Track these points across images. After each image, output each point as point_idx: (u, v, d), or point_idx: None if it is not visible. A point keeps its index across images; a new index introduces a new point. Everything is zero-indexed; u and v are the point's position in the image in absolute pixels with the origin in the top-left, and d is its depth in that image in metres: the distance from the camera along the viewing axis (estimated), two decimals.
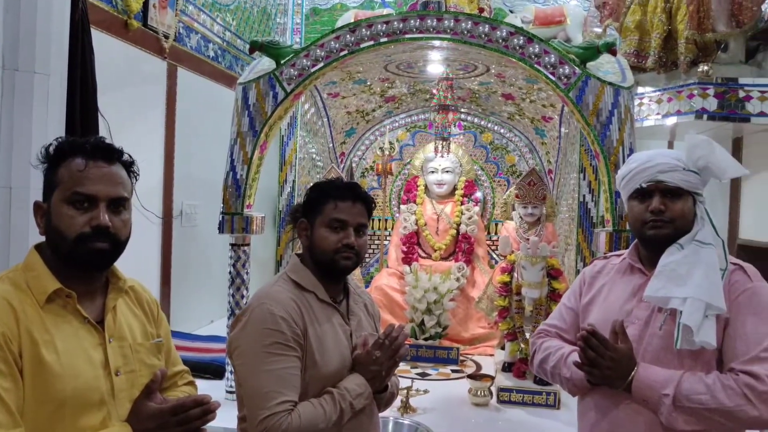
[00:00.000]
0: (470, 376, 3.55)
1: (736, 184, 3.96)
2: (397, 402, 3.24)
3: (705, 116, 3.37)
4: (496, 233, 5.29)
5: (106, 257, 1.42)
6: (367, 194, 1.97)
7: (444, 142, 4.22)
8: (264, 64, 3.50)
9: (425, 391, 3.41)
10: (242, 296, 3.38)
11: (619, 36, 3.98)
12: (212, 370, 3.62)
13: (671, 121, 3.49)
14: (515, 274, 3.61)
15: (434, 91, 4.27)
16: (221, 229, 3.31)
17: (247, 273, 3.41)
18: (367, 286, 5.07)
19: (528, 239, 3.82)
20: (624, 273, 1.84)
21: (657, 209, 1.69)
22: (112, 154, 1.44)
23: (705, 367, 1.60)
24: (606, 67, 3.27)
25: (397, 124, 5.49)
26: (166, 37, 4.26)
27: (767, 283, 1.66)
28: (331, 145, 5.23)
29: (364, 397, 1.80)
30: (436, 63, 4.24)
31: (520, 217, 4.34)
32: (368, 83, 4.71)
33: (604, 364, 1.63)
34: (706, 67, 3.35)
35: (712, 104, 3.37)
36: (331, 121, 5.11)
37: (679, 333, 1.59)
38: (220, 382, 3.52)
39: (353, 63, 4.07)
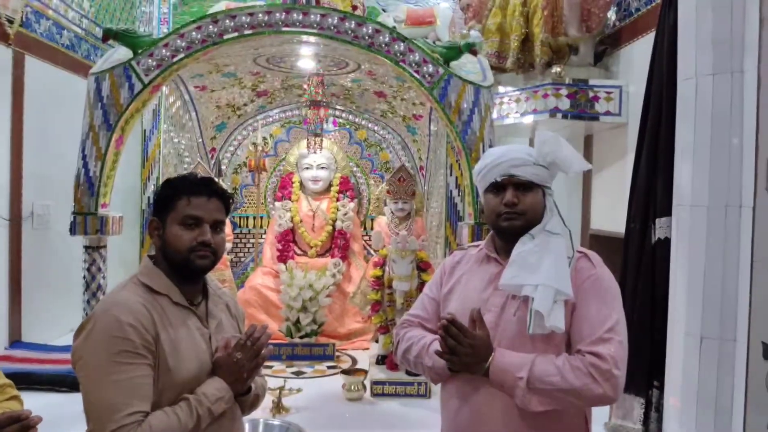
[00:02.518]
0: (343, 372, 3.56)
1: (587, 178, 4.28)
2: (269, 403, 3.18)
3: (559, 115, 3.60)
4: (371, 228, 5.35)
5: None
6: (223, 189, 1.88)
7: (317, 138, 4.19)
8: (120, 53, 3.29)
9: (298, 390, 3.37)
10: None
11: (482, 37, 4.15)
12: (69, 383, 3.35)
13: (529, 119, 3.69)
14: (387, 268, 3.67)
15: (305, 86, 4.23)
16: (73, 231, 3.07)
17: (104, 277, 3.19)
18: (241, 287, 4.94)
19: (398, 233, 3.89)
20: (481, 263, 1.91)
21: (510, 202, 1.77)
22: None
23: (556, 349, 1.70)
24: (468, 66, 3.39)
25: (270, 119, 5.39)
26: (11, 21, 3.88)
27: (608, 270, 1.79)
28: (200, 140, 5.02)
29: (224, 401, 1.73)
30: (307, 58, 4.19)
31: (391, 212, 4.42)
32: (238, 76, 4.57)
33: (464, 351, 1.68)
34: (558, 69, 3.57)
35: (564, 104, 3.60)
36: (200, 116, 4.91)
37: (531, 318, 1.68)
38: (77, 394, 3.26)
39: (220, 55, 3.93)
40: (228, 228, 4.34)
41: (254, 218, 5.25)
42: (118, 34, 3.17)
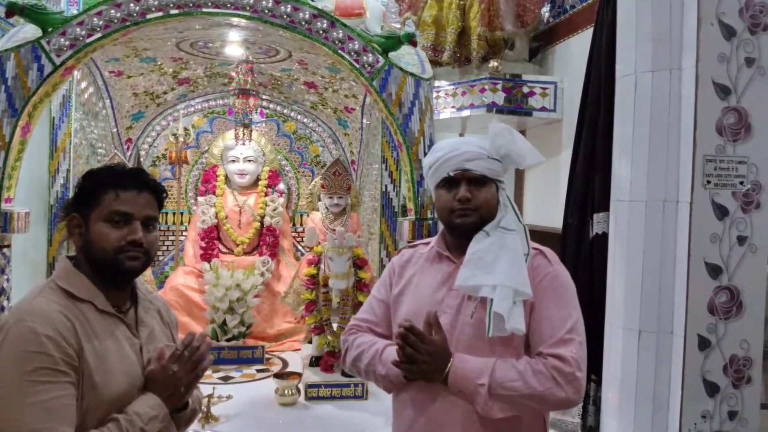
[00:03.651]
0: (276, 375, 3.39)
1: (520, 174, 4.30)
2: None
3: (495, 110, 3.57)
4: (301, 225, 5.17)
5: None
6: (156, 182, 1.68)
7: (245, 129, 3.97)
8: (27, 31, 2.95)
9: (228, 397, 3.17)
10: (2, 308, 2.83)
11: (417, 30, 4.07)
12: None
13: (466, 113, 3.65)
14: (322, 266, 3.52)
15: (234, 74, 3.99)
16: None
17: (8, 280, 2.86)
18: (160, 287, 4.63)
19: (334, 230, 3.75)
20: (433, 261, 1.81)
21: (464, 198, 1.67)
22: None
23: (515, 352, 1.62)
24: (407, 58, 3.30)
25: (192, 109, 5.08)
26: None
27: (564, 266, 1.73)
28: (115, 129, 4.66)
29: (158, 420, 1.54)
30: (235, 44, 3.96)
31: (326, 207, 4.26)
32: (158, 62, 4.27)
33: (422, 359, 1.57)
34: (495, 63, 3.55)
35: (500, 98, 3.58)
36: (115, 103, 4.55)
37: (490, 321, 1.59)
38: None
39: (140, 37, 3.63)
40: None
41: (174, 214, 4.93)
42: (24, 9, 2.83)
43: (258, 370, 3.93)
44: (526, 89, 3.61)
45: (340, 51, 2.95)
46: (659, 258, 2.65)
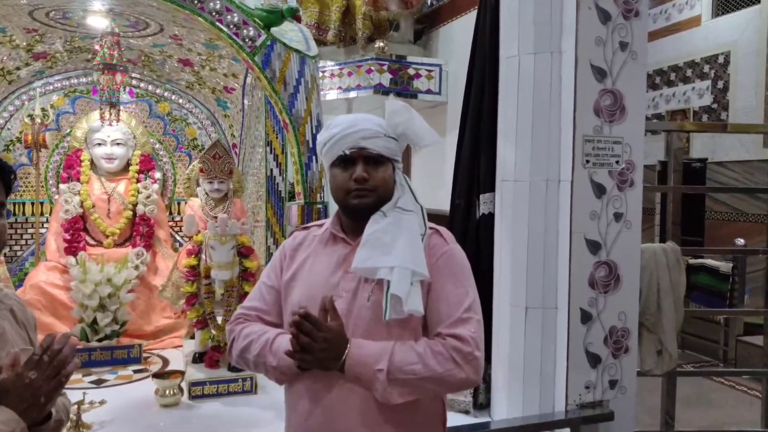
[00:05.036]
0: (155, 375, 3.14)
1: (406, 157, 4.29)
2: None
3: (381, 91, 3.52)
4: (179, 213, 4.85)
5: None
6: (1, 162, 1.45)
7: (112, 109, 3.61)
8: None
9: (101, 402, 2.89)
10: None
11: (300, 7, 3.92)
12: None
13: (353, 95, 3.56)
14: (203, 256, 3.30)
15: (98, 47, 3.62)
16: None
17: None
18: (19, 286, 4.16)
19: (216, 217, 3.52)
20: (327, 243, 1.70)
21: (361, 177, 1.58)
22: None
23: (413, 334, 1.57)
24: (290, 34, 3.15)
25: (51, 87, 4.58)
26: None
27: (459, 245, 1.70)
28: None
29: None
30: (99, 15, 3.60)
31: (206, 193, 4.00)
32: (8, 33, 3.78)
33: (318, 347, 1.48)
34: (381, 44, 3.49)
35: (386, 80, 3.53)
36: None
37: (387, 304, 1.53)
38: None
39: None
40: None
41: (33, 204, 4.44)
42: None
43: (135, 371, 3.64)
44: (411, 71, 3.59)
45: (217, 23, 2.74)
46: (543, 236, 2.73)
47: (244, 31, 2.79)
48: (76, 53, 4.29)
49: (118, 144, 4.30)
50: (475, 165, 3.13)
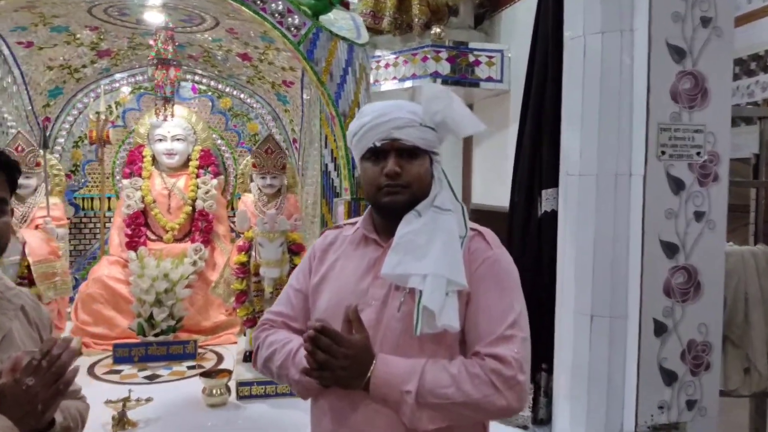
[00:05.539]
0: (203, 374, 3.10)
1: (467, 149, 4.07)
2: (110, 419, 2.66)
3: (439, 80, 3.31)
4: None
5: None
6: (3, 155, 1.38)
7: (167, 104, 3.61)
8: None
9: (147, 400, 2.87)
10: None
11: None
12: None
13: (408, 84, 3.38)
14: (253, 253, 3.22)
15: (152, 42, 3.62)
16: None
17: None
18: (85, 280, 4.25)
19: (266, 213, 3.44)
20: (358, 245, 1.54)
21: (393, 172, 1.41)
22: None
23: (448, 351, 1.39)
24: (340, 22, 3.01)
25: (117, 85, 4.67)
26: None
27: (506, 250, 1.49)
28: (29, 107, 4.23)
29: None
30: (154, 11, 3.59)
31: (259, 188, 3.93)
32: (71, 31, 3.85)
33: (338, 365, 1.32)
34: (438, 30, 3.28)
35: (445, 68, 3.32)
36: (27, 78, 4.12)
37: (419, 317, 1.35)
38: None
39: (46, 3, 3.24)
40: (60, 210, 3.66)
41: (99, 199, 4.54)
42: None
43: (189, 367, 3.63)
44: (471, 58, 3.36)
45: (261, 12, 2.63)
46: (611, 236, 2.46)
47: (289, 19, 2.67)
48: (139, 50, 4.33)
49: (178, 139, 4.32)
50: (537, 158, 2.87)
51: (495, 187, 3.74)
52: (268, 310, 1.63)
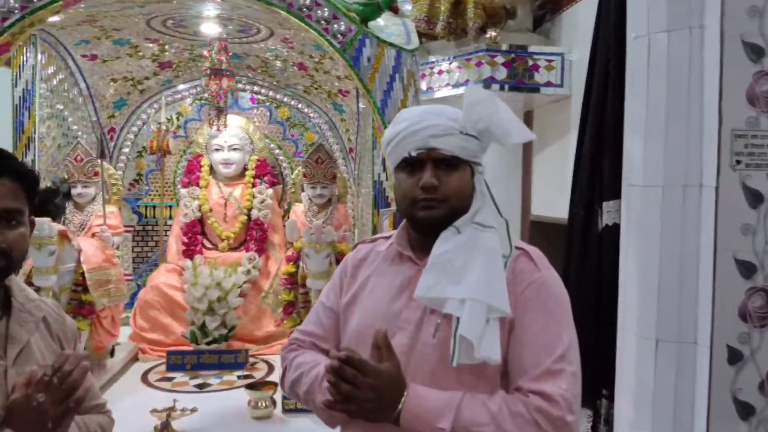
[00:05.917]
0: (249, 386, 3.06)
1: (527, 158, 3.88)
2: (152, 429, 2.66)
3: (494, 85, 3.16)
4: None
5: None
6: (20, 165, 1.36)
7: (220, 114, 3.63)
8: None
9: (192, 410, 2.85)
10: None
11: (411, 1, 3.68)
12: None
13: (461, 91, 3.24)
14: (301, 263, 3.17)
15: (206, 52, 3.65)
16: None
17: None
18: (143, 287, 4.34)
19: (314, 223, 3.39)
20: (392, 261, 1.43)
21: (429, 184, 1.29)
22: None
23: (488, 383, 1.26)
24: (390, 28, 2.93)
25: (179, 96, 4.77)
26: None
27: (555, 272, 1.34)
28: (95, 118, 4.38)
29: None
30: (210, 22, 3.63)
31: (309, 198, 3.90)
32: (133, 43, 3.96)
33: (363, 397, 1.21)
34: (494, 33, 3.13)
35: (500, 73, 3.17)
36: (93, 90, 4.26)
37: (455, 346, 1.22)
38: None
39: (103, 14, 3.33)
40: (116, 219, 3.74)
41: (158, 208, 4.63)
42: None
43: (239, 377, 3.62)
44: (529, 62, 3.19)
45: (306, 19, 2.58)
46: (679, 254, 2.23)
47: (335, 26, 2.61)
48: (199, 61, 4.41)
49: (234, 149, 4.35)
50: (598, 167, 2.67)
51: (556, 198, 3.54)
52: (297, 329, 1.55)
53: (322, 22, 2.60)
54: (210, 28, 3.70)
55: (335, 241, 3.06)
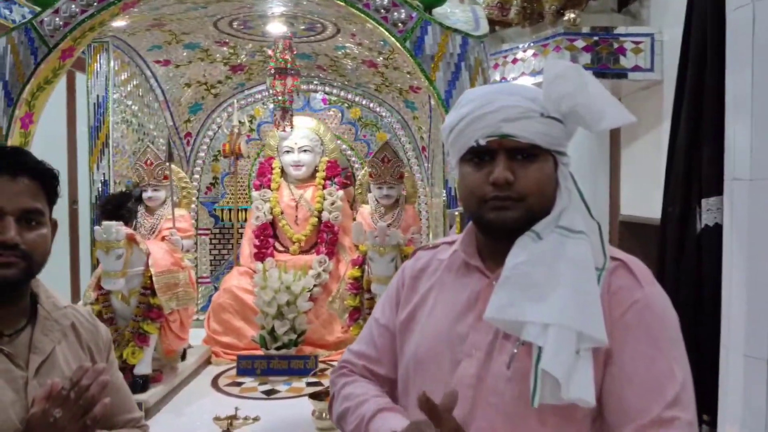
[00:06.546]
0: (312, 396, 2.94)
1: (615, 150, 3.53)
2: None
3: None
4: None
5: None
6: (38, 164, 1.31)
7: (285, 115, 3.55)
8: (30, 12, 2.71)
9: (255, 419, 2.77)
10: None
11: None
12: None
13: (539, 80, 2.98)
14: (366, 267, 3.02)
15: (270, 51, 3.59)
16: None
17: None
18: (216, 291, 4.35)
19: (377, 225, 3.23)
20: (457, 272, 1.20)
21: (502, 179, 1.06)
22: None
23: (577, 428, 1.02)
24: (457, 15, 2.72)
25: (252, 99, 4.77)
26: None
27: (661, 288, 1.07)
28: (171, 123, 4.45)
29: None
30: (276, 21, 3.57)
31: (376, 199, 3.74)
32: (203, 47, 3.97)
33: None
34: (573, 15, 2.85)
35: (583, 58, 2.88)
36: (168, 95, 4.33)
37: (537, 383, 0.98)
38: None
39: (168, 18, 3.33)
40: (186, 222, 3.75)
41: (233, 211, 4.65)
42: None
43: (308, 384, 3.52)
44: (614, 45, 2.88)
45: (364, 8, 2.43)
46: None
47: (395, 14, 2.44)
48: (269, 63, 4.37)
49: (305, 151, 4.29)
50: (695, 159, 2.34)
51: (648, 196, 3.19)
52: (350, 348, 1.34)
53: (381, 10, 2.44)
54: (276, 28, 3.63)
55: (401, 244, 2.88)
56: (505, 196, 1.06)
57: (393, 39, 2.44)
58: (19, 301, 1.32)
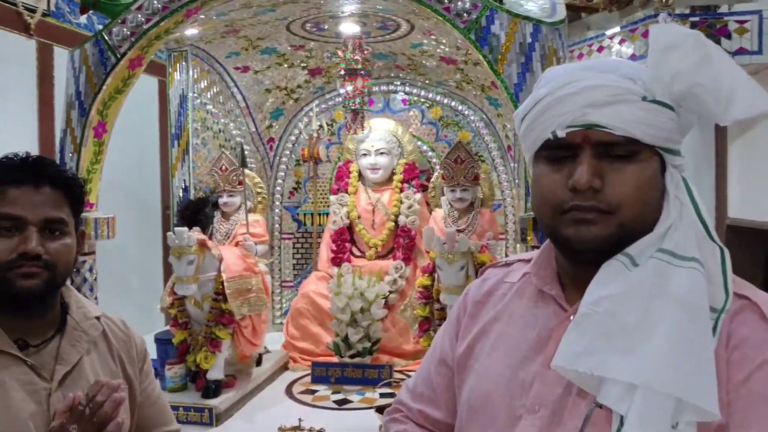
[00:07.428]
0: (379, 409, 2.81)
1: (721, 146, 3.13)
2: None
3: None
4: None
5: None
6: (62, 173, 1.31)
7: (356, 117, 3.45)
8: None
9: (320, 431, 2.68)
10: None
11: None
12: None
13: None
14: (436, 276, 2.86)
15: (340, 52, 3.51)
16: None
17: (91, 289, 2.71)
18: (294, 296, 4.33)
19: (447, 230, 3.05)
20: (529, 300, 0.98)
21: (585, 185, 0.82)
22: None
23: None
24: (530, 3, 2.50)
25: (332, 102, 4.73)
26: (32, 11, 3.58)
27: None
28: (253, 129, 4.50)
29: None
30: (349, 21, 3.49)
31: (449, 203, 3.56)
32: (279, 52, 3.97)
33: None
34: None
35: None
36: (249, 102, 4.38)
37: None
38: None
39: (240, 23, 3.34)
40: (260, 227, 3.75)
41: (313, 215, 4.63)
42: (97, 3, 2.67)
43: (382, 395, 3.40)
44: (716, 25, 2.54)
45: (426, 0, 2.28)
46: None
47: (459, 4, 2.27)
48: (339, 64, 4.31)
49: (381, 153, 4.18)
50: None
51: (758, 197, 2.81)
52: (405, 384, 1.17)
53: (444, 1, 2.27)
54: (349, 28, 3.56)
55: (473, 251, 2.69)
56: (590, 207, 0.83)
57: (457, 30, 2.26)
58: (46, 313, 1.30)
